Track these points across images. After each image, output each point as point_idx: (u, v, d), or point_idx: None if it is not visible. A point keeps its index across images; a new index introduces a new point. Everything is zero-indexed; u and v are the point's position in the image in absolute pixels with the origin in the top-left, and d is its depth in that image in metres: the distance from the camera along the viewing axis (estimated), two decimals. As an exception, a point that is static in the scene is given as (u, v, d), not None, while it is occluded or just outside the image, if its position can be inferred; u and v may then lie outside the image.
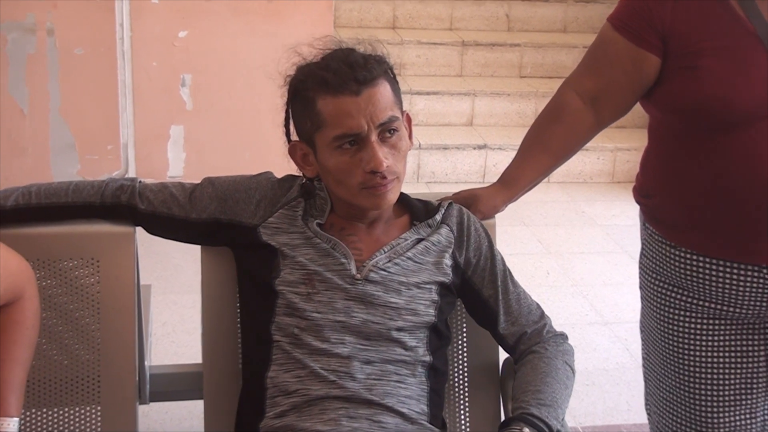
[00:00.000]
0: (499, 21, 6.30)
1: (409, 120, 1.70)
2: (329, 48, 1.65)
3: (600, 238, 4.65)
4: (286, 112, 1.70)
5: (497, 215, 1.93)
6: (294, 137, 1.71)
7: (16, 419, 1.49)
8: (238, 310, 1.79)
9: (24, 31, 4.16)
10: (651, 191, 1.85)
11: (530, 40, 6.04)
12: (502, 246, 1.86)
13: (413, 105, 5.42)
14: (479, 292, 1.74)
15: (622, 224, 4.79)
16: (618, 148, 5.41)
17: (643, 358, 1.98)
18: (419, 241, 1.70)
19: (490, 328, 1.78)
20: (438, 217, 1.74)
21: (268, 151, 4.53)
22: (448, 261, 1.70)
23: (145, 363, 1.97)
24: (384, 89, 1.60)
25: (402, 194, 1.73)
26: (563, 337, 1.78)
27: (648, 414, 2.00)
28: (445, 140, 5.33)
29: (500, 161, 5.10)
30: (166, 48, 4.45)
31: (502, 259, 1.78)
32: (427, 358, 1.64)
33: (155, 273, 3.84)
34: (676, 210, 1.78)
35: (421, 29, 6.13)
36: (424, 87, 5.55)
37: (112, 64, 4.35)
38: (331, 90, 1.57)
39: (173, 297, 3.65)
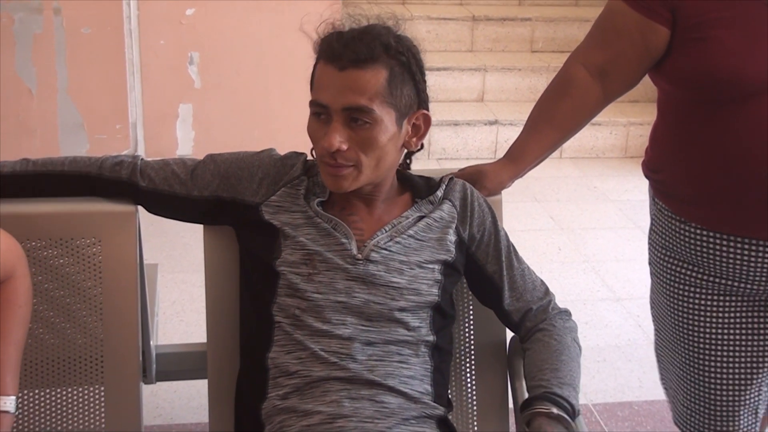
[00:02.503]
0: (510, -5, 6.25)
1: (426, 120, 1.63)
2: (371, 21, 1.60)
3: (612, 213, 4.62)
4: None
5: (508, 191, 1.90)
6: None
7: (13, 397, 1.49)
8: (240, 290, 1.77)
9: (31, 10, 4.14)
10: (660, 165, 1.82)
11: (541, 14, 5.98)
12: (513, 222, 1.84)
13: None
14: (483, 268, 1.72)
15: (634, 199, 4.76)
16: (631, 123, 5.37)
17: (655, 334, 1.96)
18: (421, 218, 1.67)
19: (495, 305, 1.76)
20: (439, 193, 1.71)
21: (276, 128, 4.54)
22: (452, 237, 1.67)
23: (151, 342, 1.96)
24: (374, 77, 1.52)
25: (403, 172, 1.71)
26: (567, 313, 1.76)
27: (664, 388, 1.98)
28: (456, 116, 5.29)
29: (511, 137, 5.02)
30: (174, 26, 4.42)
31: (506, 235, 1.75)
32: (431, 338, 1.62)
33: (164, 252, 3.84)
34: (685, 184, 1.75)
35: (431, 4, 6.08)
36: (434, 63, 5.50)
37: (119, 42, 4.33)
38: (325, 57, 1.55)
39: (182, 276, 3.65)
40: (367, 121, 1.53)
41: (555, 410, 1.52)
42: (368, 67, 1.52)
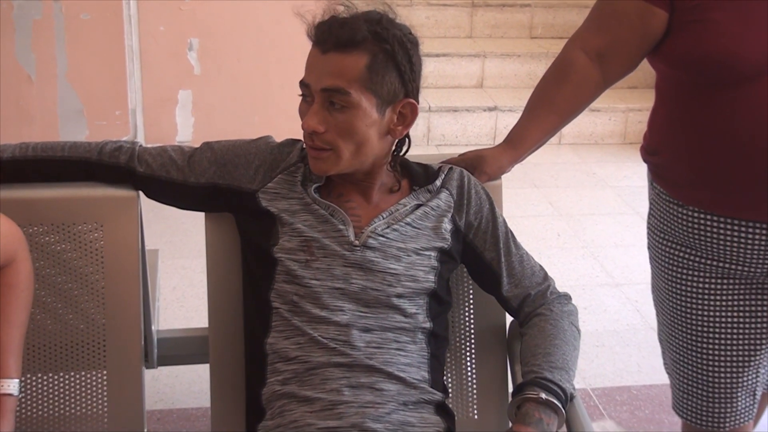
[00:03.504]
0: (509, -19, 6.24)
1: (413, 110, 1.62)
2: (349, 7, 1.61)
3: (611, 199, 4.63)
4: None
5: (507, 177, 1.91)
6: None
7: (17, 380, 1.50)
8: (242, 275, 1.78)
9: (30, -4, 4.14)
10: (658, 148, 1.82)
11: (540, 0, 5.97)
12: (512, 208, 1.85)
13: (423, 67, 5.36)
14: (481, 255, 1.73)
15: (633, 185, 4.77)
16: (629, 109, 5.37)
17: (657, 318, 1.97)
18: (418, 206, 1.68)
19: (494, 292, 1.77)
20: (438, 182, 1.72)
21: (276, 114, 4.53)
22: (447, 225, 1.68)
23: (153, 327, 1.97)
24: (355, 62, 1.53)
25: (402, 159, 1.71)
26: (567, 297, 1.77)
27: (667, 374, 1.99)
28: (455, 102, 5.29)
29: (511, 123, 5.01)
30: (173, 12, 4.42)
31: (504, 221, 1.76)
32: (427, 325, 1.63)
33: (164, 238, 3.85)
34: (682, 167, 1.75)
35: (431, -10, 6.08)
36: (433, 49, 5.50)
37: (118, 29, 4.33)
38: (314, 40, 1.57)
39: (183, 262, 3.66)
40: (344, 104, 1.54)
41: (544, 395, 1.52)
42: (349, 52, 1.53)
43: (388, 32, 1.56)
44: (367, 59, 1.53)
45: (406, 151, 1.70)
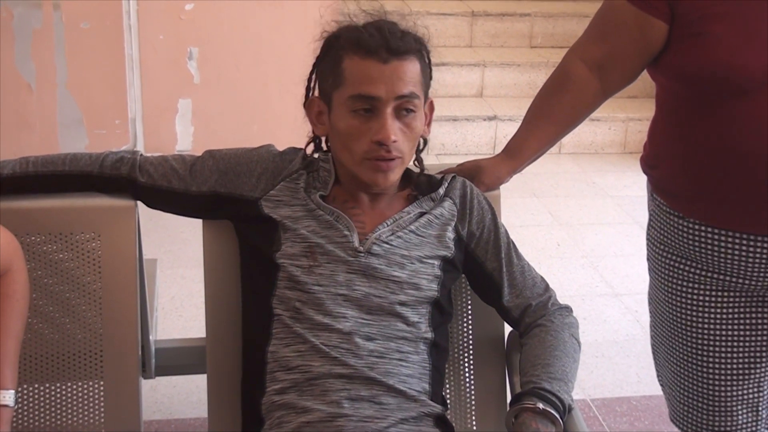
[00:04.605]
0: (509, -10, 6.24)
1: (431, 108, 1.69)
2: (374, 15, 1.64)
3: (611, 209, 4.62)
4: (313, 66, 1.69)
5: (506, 187, 1.91)
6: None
7: (12, 391, 1.49)
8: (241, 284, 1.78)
9: (29, 5, 4.14)
10: (658, 160, 1.82)
11: (540, 9, 5.98)
12: (512, 217, 1.85)
13: (423, 76, 5.37)
14: (483, 265, 1.73)
15: (633, 195, 4.76)
16: (629, 118, 5.37)
17: (651, 330, 1.96)
18: (422, 214, 1.68)
19: (495, 302, 1.76)
20: (441, 191, 1.72)
21: (276, 123, 4.53)
22: (450, 234, 1.68)
23: (150, 337, 1.96)
24: (413, 66, 1.58)
25: (406, 168, 1.71)
26: (568, 309, 1.76)
27: (661, 386, 1.99)
28: (455, 112, 5.29)
29: (511, 132, 4.97)
30: (173, 21, 4.42)
31: (506, 231, 1.76)
32: (429, 335, 1.63)
33: (163, 247, 3.84)
34: (683, 179, 1.75)
35: (431, 0, 6.08)
36: (433, 58, 5.44)
37: (118, 37, 4.33)
38: (361, 51, 1.56)
39: (181, 271, 3.65)
40: (414, 109, 1.59)
41: (541, 405, 1.51)
42: (408, 58, 1.58)
43: (419, 37, 1.63)
44: (419, 63, 1.60)
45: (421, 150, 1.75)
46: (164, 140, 4.59)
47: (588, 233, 4.31)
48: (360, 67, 1.56)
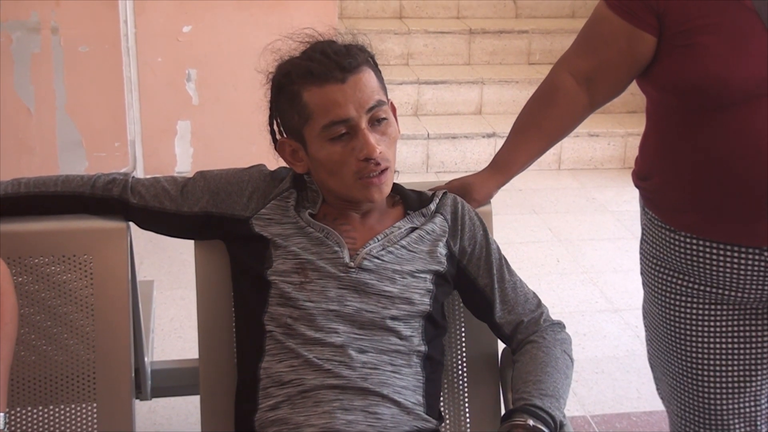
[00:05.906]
0: (507, 8, 6.25)
1: (393, 109, 1.68)
2: (307, 41, 1.64)
3: (611, 224, 4.62)
4: (271, 110, 1.69)
5: (507, 203, 1.92)
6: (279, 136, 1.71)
7: (2, 414, 1.49)
8: (233, 304, 1.78)
9: (28, 30, 4.16)
10: (649, 173, 1.82)
11: (538, 26, 5.99)
12: (511, 234, 1.84)
13: (421, 95, 5.39)
14: (475, 281, 1.72)
15: (632, 210, 4.75)
16: (629, 134, 5.37)
17: (647, 344, 1.96)
18: (413, 230, 1.68)
19: (487, 318, 1.76)
20: (432, 206, 1.72)
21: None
22: (442, 250, 1.68)
23: (146, 359, 1.96)
24: (369, 76, 1.59)
25: (395, 184, 1.71)
26: (560, 325, 1.76)
27: (661, 399, 1.98)
28: (454, 129, 5.29)
29: (509, 149, 5.06)
30: (171, 43, 4.44)
31: (498, 248, 1.76)
32: (423, 348, 1.62)
33: (163, 269, 3.85)
34: (674, 192, 1.75)
35: (428, 18, 6.10)
36: (431, 76, 5.52)
37: (117, 60, 4.35)
38: (317, 80, 1.56)
39: (180, 292, 3.65)
40: (385, 116, 1.60)
41: (531, 422, 1.51)
42: (361, 70, 1.58)
43: (361, 45, 1.63)
44: (372, 70, 1.61)
45: None
46: (164, 162, 4.60)
47: (588, 249, 4.31)
48: (322, 96, 1.56)
